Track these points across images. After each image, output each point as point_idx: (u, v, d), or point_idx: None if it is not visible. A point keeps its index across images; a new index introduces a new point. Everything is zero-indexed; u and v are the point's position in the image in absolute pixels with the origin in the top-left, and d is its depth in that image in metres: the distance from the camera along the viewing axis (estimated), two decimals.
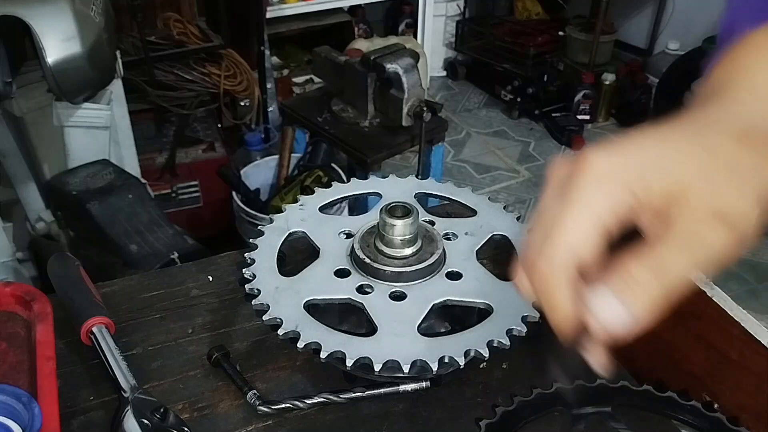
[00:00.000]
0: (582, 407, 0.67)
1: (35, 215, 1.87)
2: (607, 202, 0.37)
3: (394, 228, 0.67)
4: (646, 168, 0.37)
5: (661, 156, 0.37)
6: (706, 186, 0.36)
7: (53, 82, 1.42)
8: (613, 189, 0.37)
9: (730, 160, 0.37)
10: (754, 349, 0.72)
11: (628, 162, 0.38)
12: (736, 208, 0.36)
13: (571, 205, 0.37)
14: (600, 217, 0.37)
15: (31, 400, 0.59)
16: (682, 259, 0.37)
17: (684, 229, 0.36)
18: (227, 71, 2.84)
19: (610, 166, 0.37)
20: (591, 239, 0.37)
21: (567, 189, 0.38)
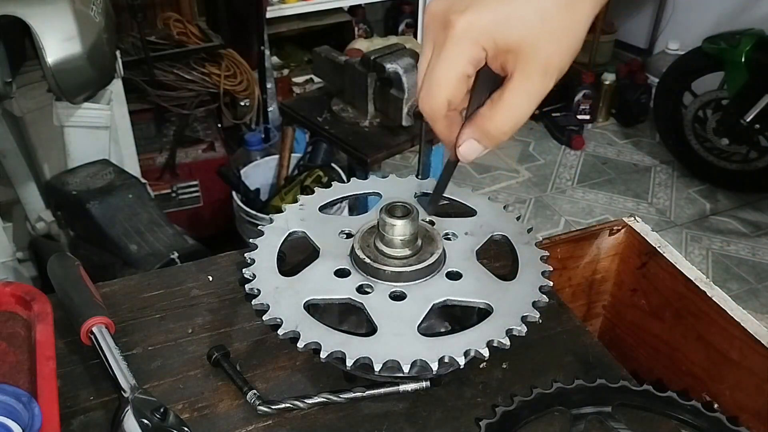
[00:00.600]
0: (582, 407, 0.67)
1: (35, 215, 1.87)
2: (464, 56, 0.50)
3: (394, 228, 0.67)
4: (493, 28, 0.49)
5: (506, 18, 0.48)
6: (537, 45, 0.49)
7: (53, 81, 1.42)
8: (468, 46, 0.50)
9: (557, 25, 0.49)
10: (754, 349, 0.72)
11: (480, 22, 0.49)
12: (557, 64, 0.50)
13: (440, 61, 0.51)
14: (459, 68, 0.50)
15: (31, 400, 0.59)
16: (519, 106, 0.51)
17: (521, 78, 0.50)
18: (227, 71, 2.84)
19: (467, 26, 0.49)
20: (455, 84, 0.51)
21: (437, 41, 0.51)
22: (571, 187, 3.29)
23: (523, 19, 0.48)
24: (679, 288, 0.82)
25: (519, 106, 0.51)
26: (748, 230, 3.03)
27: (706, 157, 3.24)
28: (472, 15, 0.49)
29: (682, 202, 3.21)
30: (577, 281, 0.95)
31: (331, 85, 2.39)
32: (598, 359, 0.75)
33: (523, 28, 0.48)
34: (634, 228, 0.89)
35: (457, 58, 0.50)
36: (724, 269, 2.80)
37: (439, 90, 0.52)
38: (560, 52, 0.49)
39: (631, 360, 0.91)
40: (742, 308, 0.75)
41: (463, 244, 0.74)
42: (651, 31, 3.90)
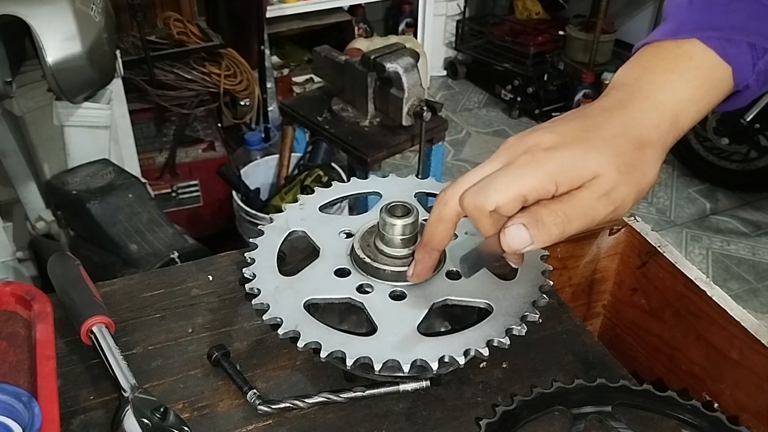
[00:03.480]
0: (582, 407, 0.67)
1: (35, 215, 1.87)
2: (535, 181, 0.51)
3: (394, 227, 0.67)
4: (571, 165, 0.51)
5: (584, 155, 0.51)
6: (610, 179, 0.51)
7: (53, 81, 1.42)
8: (542, 176, 0.51)
9: (629, 163, 0.51)
10: (754, 349, 0.72)
11: (560, 157, 0.51)
12: (624, 198, 0.52)
13: (508, 173, 0.52)
14: (524, 188, 0.51)
15: (31, 400, 0.59)
16: (576, 217, 0.51)
17: (585, 199, 0.51)
18: (227, 71, 2.84)
19: (546, 157, 0.51)
20: (511, 197, 0.51)
21: (511, 161, 0.53)
22: None
23: (600, 154, 0.51)
24: (679, 287, 0.82)
25: (572, 214, 0.51)
26: (748, 230, 3.03)
27: (707, 156, 3.24)
28: (553, 149, 0.51)
29: (682, 201, 3.21)
30: (577, 281, 0.95)
31: (331, 85, 2.39)
32: (598, 359, 0.75)
33: (598, 162, 0.51)
34: (634, 227, 0.89)
35: (526, 179, 0.51)
36: (724, 269, 2.80)
37: (497, 196, 0.51)
38: (627, 185, 0.51)
39: (631, 359, 0.91)
40: (742, 308, 0.75)
41: (463, 244, 0.74)
42: (651, 30, 3.89)
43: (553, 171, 0.50)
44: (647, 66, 0.57)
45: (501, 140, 2.63)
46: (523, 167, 0.51)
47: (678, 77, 0.55)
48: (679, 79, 0.55)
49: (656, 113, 0.54)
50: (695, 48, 0.55)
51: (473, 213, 0.54)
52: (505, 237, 0.52)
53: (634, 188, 0.52)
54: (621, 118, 0.53)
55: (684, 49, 0.56)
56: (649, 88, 0.55)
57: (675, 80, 0.55)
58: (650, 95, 0.54)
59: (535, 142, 0.52)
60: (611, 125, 0.53)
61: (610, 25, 3.80)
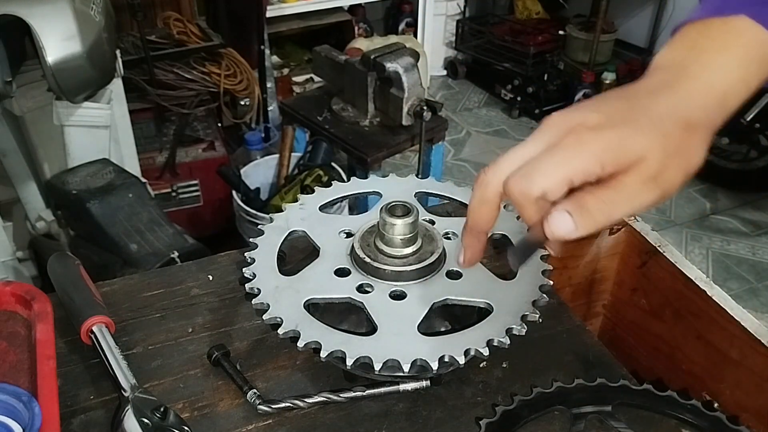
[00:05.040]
0: (582, 406, 0.67)
1: (35, 214, 1.87)
2: (581, 163, 0.48)
3: (394, 227, 0.67)
4: (617, 146, 0.48)
5: (631, 136, 0.49)
6: (657, 161, 0.48)
7: (53, 81, 1.41)
8: (588, 158, 0.48)
9: (677, 146, 0.49)
10: (754, 348, 0.72)
11: (606, 138, 0.49)
12: (671, 181, 0.50)
13: (554, 155, 0.49)
14: (570, 171, 0.49)
15: (32, 400, 0.59)
16: (623, 203, 0.49)
17: (631, 184, 0.49)
18: (227, 70, 2.84)
19: (592, 137, 0.49)
20: (558, 182, 0.49)
21: (555, 142, 0.50)
22: None
23: (647, 136, 0.49)
24: (679, 287, 0.82)
25: (618, 200, 0.49)
26: (748, 229, 3.03)
27: (706, 156, 3.22)
28: (598, 128, 0.49)
29: (682, 201, 3.21)
30: (577, 280, 0.95)
31: (331, 85, 2.39)
32: (598, 358, 0.75)
33: (645, 144, 0.49)
34: (635, 227, 0.89)
35: (572, 162, 0.49)
36: (724, 268, 2.79)
37: (543, 180, 0.49)
38: (674, 168, 0.50)
39: (631, 359, 0.91)
40: (742, 307, 0.75)
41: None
42: (651, 30, 3.90)
43: (599, 152, 0.49)
44: (693, 45, 0.54)
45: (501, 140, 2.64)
46: (569, 149, 0.49)
47: (727, 56, 0.53)
48: (728, 58, 0.53)
49: (704, 94, 0.52)
50: (743, 24, 0.53)
51: (518, 199, 0.51)
52: (549, 224, 0.50)
53: (682, 171, 0.50)
54: (668, 99, 0.51)
55: (731, 26, 0.53)
56: (695, 68, 0.52)
57: (724, 59, 0.53)
58: (698, 75, 0.52)
59: (580, 121, 0.50)
60: (658, 106, 0.51)
61: (610, 24, 3.80)
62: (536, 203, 0.51)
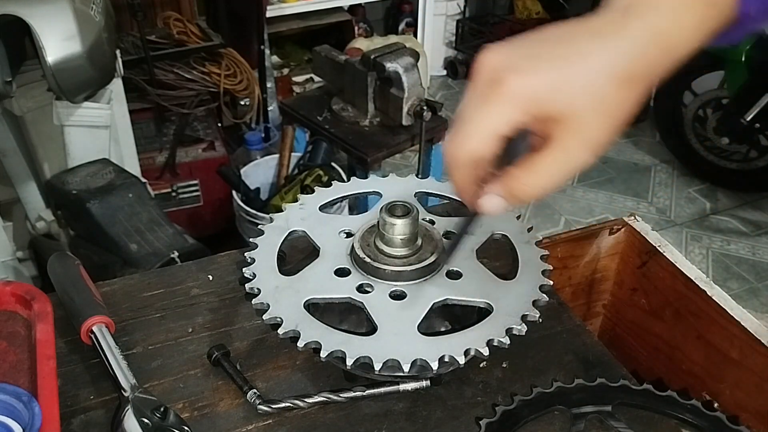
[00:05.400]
0: (582, 406, 0.67)
1: (35, 214, 1.87)
2: (506, 116, 0.48)
3: (394, 227, 0.67)
4: (543, 95, 0.47)
5: (558, 86, 0.47)
6: (583, 119, 0.48)
7: (53, 81, 1.41)
8: (512, 108, 0.48)
9: (608, 102, 0.48)
10: (754, 348, 0.72)
11: (531, 87, 0.47)
12: (599, 141, 0.49)
13: (479, 114, 0.49)
14: (497, 126, 0.49)
15: (32, 399, 0.59)
16: (550, 175, 0.50)
17: (559, 147, 0.49)
18: (227, 70, 2.84)
19: (517, 89, 0.48)
20: (487, 141, 0.49)
21: (483, 93, 0.49)
22: (571, 186, 3.29)
23: (574, 90, 0.47)
24: (679, 287, 0.82)
25: (551, 174, 0.50)
26: (748, 229, 3.03)
27: (707, 156, 3.23)
28: (525, 78, 0.48)
29: (682, 201, 3.21)
30: (577, 280, 0.95)
31: (331, 85, 2.39)
32: (598, 358, 0.75)
33: (572, 99, 0.47)
34: (635, 227, 0.89)
35: (497, 117, 0.48)
36: (724, 268, 2.79)
37: (469, 141, 0.50)
38: (605, 129, 0.48)
39: (631, 359, 0.91)
40: (742, 307, 0.75)
41: (463, 243, 0.74)
42: None
43: (525, 103, 0.48)
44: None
45: None
46: (493, 102, 0.48)
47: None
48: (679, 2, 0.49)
49: (649, 40, 0.49)
50: None
51: (450, 164, 0.52)
52: (483, 205, 0.53)
53: (611, 130, 0.49)
54: (609, 47, 0.48)
55: None
56: (642, 9, 0.49)
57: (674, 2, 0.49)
58: (644, 17, 0.49)
59: (508, 65, 0.48)
60: (596, 56, 0.48)
61: None
62: (467, 167, 0.51)
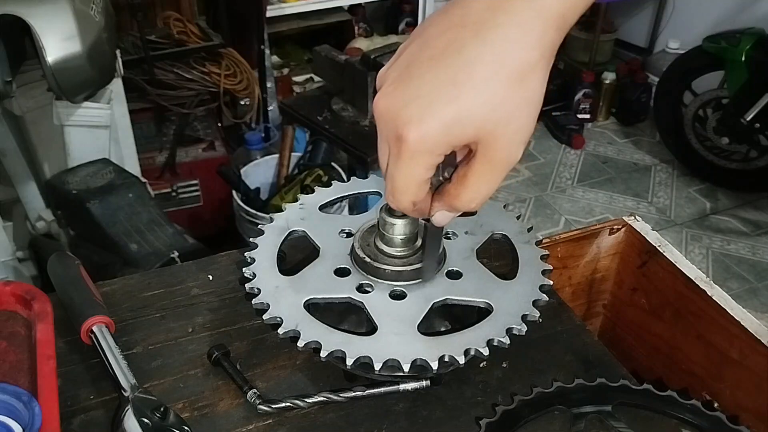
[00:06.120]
0: (582, 406, 0.67)
1: (35, 214, 1.87)
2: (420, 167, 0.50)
3: (394, 227, 0.67)
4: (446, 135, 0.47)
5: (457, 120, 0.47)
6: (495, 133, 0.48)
7: (53, 81, 1.42)
8: (423, 159, 0.49)
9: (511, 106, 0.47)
10: (754, 348, 0.72)
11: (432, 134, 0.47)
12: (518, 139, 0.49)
13: (398, 171, 0.51)
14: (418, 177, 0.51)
15: (32, 399, 0.59)
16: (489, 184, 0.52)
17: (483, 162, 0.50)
18: (227, 70, 2.84)
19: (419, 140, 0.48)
20: (416, 190, 0.52)
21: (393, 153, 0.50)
22: (571, 186, 3.29)
23: (475, 114, 0.47)
24: (679, 287, 0.82)
25: (483, 185, 0.52)
26: (748, 229, 3.03)
27: (707, 156, 3.24)
28: (422, 128, 0.47)
29: (682, 201, 3.21)
30: (577, 280, 0.95)
31: (331, 84, 2.39)
32: (598, 358, 0.75)
33: (476, 122, 0.47)
34: (634, 227, 0.89)
35: (414, 170, 0.50)
36: (724, 268, 2.79)
37: (403, 195, 0.53)
38: (519, 130, 0.48)
39: (631, 359, 0.91)
40: (742, 307, 0.75)
41: (463, 243, 0.74)
42: (651, 30, 3.90)
43: (434, 148, 0.48)
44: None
45: None
46: (406, 159, 0.49)
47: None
48: None
49: (538, 23, 0.46)
50: None
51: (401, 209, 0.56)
52: (436, 221, 0.57)
53: (526, 123, 0.48)
54: (495, 44, 0.46)
55: None
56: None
57: None
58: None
59: (402, 116, 0.48)
60: (484, 63, 0.46)
61: (610, 24, 3.80)
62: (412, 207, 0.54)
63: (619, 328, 0.97)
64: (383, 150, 0.52)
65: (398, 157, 0.50)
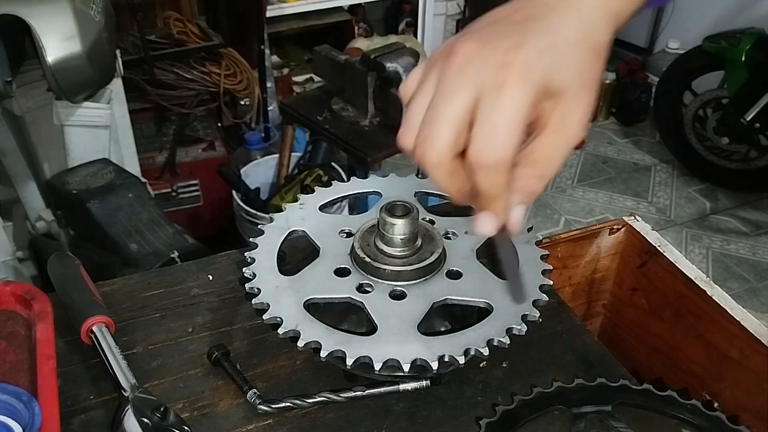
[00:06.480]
0: (582, 406, 0.67)
1: (35, 214, 1.87)
2: (528, 98, 0.43)
3: (394, 227, 0.67)
4: (548, 69, 0.44)
5: (556, 60, 0.44)
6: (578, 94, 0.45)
7: (53, 81, 1.41)
8: (530, 88, 0.43)
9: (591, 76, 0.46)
10: (754, 348, 0.72)
11: (539, 61, 0.44)
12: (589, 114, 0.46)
13: (502, 107, 0.43)
14: (525, 113, 0.43)
15: (32, 399, 0.59)
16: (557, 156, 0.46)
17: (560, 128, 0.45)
18: (227, 70, 2.84)
19: (528, 64, 0.43)
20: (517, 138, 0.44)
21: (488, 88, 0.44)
22: (571, 186, 3.29)
23: (568, 63, 0.45)
24: (679, 287, 0.82)
25: (557, 158, 0.46)
26: (748, 229, 3.03)
27: (706, 156, 3.24)
28: (529, 52, 0.43)
29: (682, 201, 3.21)
30: (577, 280, 0.95)
31: (331, 84, 2.39)
32: (598, 358, 0.75)
33: (568, 73, 0.45)
34: (634, 227, 0.89)
35: (522, 102, 0.43)
36: (724, 268, 2.79)
37: (507, 138, 0.43)
38: (591, 101, 0.46)
39: (631, 359, 0.91)
40: (742, 307, 0.75)
41: (463, 243, 0.74)
42: (651, 30, 3.90)
43: (538, 77, 0.44)
44: None
45: None
46: (513, 88, 0.43)
47: None
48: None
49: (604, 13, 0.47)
50: None
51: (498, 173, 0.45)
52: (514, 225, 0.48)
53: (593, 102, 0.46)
54: (571, 20, 0.46)
55: None
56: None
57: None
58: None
59: (505, 47, 0.44)
60: (566, 29, 0.45)
61: None
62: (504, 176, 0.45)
63: (619, 328, 0.97)
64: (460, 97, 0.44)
65: (503, 87, 0.43)
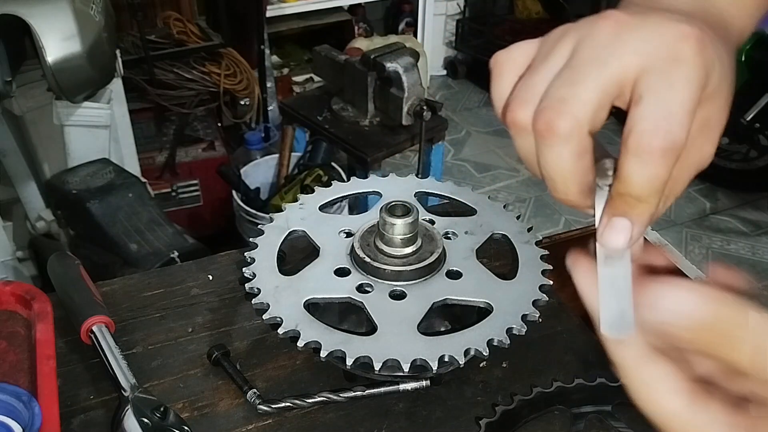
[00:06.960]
0: (582, 406, 0.67)
1: (35, 214, 1.87)
2: (702, 79, 0.35)
3: (394, 227, 0.67)
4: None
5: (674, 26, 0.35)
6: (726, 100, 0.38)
7: (53, 81, 1.41)
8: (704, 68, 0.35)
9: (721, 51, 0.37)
10: None
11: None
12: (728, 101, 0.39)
13: (682, 90, 0.34)
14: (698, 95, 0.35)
15: (32, 399, 0.59)
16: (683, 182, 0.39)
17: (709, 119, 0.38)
18: (227, 70, 2.84)
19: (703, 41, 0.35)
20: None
21: (659, 70, 0.35)
22: None
23: (723, 63, 0.38)
24: None
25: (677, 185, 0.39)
26: (748, 229, 3.03)
27: None
28: (702, 32, 0.35)
29: (682, 201, 3.21)
30: None
31: (331, 84, 2.39)
32: (598, 358, 0.75)
33: (723, 74, 0.38)
34: None
35: (700, 83, 0.35)
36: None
37: (685, 125, 0.35)
38: (731, 81, 0.41)
39: None
40: None
41: (463, 243, 0.74)
42: None
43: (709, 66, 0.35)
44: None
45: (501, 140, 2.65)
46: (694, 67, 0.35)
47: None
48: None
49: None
50: None
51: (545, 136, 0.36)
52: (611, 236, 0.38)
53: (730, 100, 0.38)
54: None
55: None
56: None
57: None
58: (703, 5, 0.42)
59: (677, 18, 0.35)
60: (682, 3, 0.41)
61: None
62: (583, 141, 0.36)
63: None
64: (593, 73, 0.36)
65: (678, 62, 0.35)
